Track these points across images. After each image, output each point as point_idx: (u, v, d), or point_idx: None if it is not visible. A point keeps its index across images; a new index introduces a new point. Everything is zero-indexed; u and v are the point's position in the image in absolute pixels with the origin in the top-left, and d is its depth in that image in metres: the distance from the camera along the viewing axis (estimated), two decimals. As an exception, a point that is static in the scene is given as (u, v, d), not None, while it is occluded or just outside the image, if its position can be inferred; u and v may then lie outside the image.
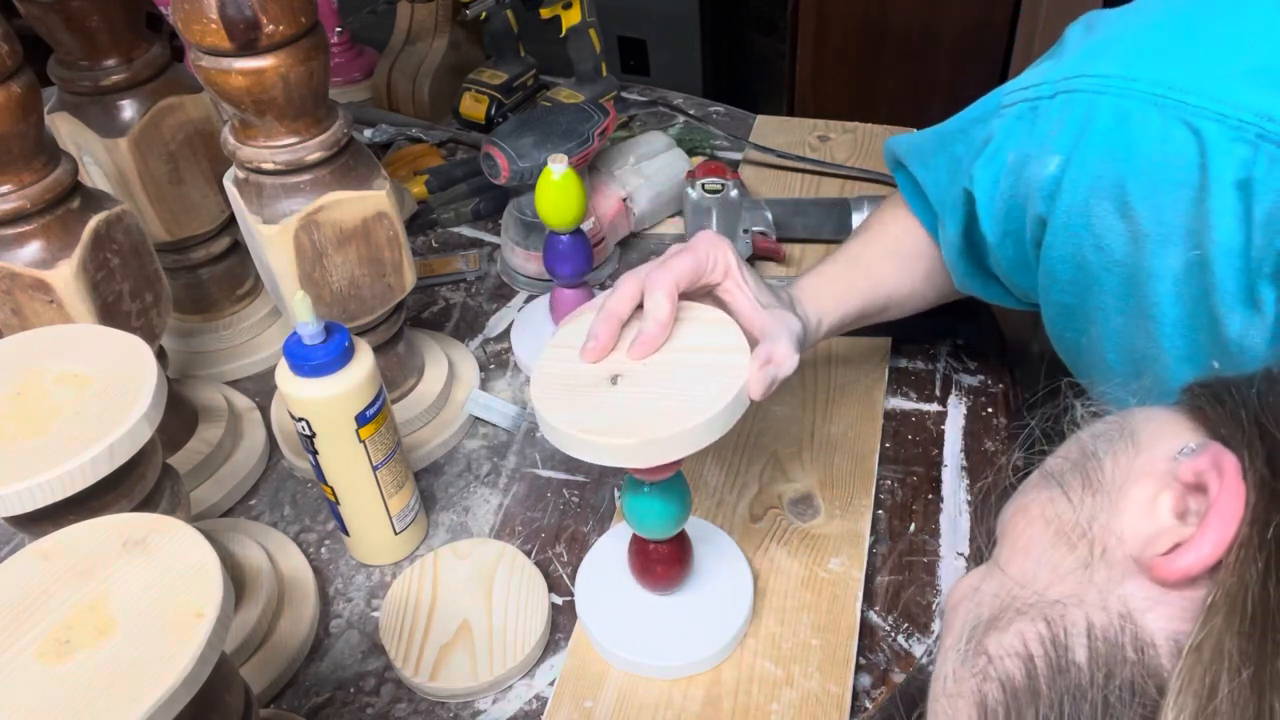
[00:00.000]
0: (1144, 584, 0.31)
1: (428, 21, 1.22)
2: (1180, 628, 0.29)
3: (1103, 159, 0.52)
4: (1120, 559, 0.32)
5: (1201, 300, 0.51)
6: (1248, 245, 0.48)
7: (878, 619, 0.67)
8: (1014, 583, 0.35)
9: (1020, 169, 0.57)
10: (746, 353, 0.54)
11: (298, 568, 0.71)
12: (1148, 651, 0.29)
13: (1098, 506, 0.34)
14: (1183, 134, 0.49)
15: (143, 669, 0.38)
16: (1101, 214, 0.53)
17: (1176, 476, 0.32)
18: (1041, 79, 0.56)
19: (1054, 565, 0.34)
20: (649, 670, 0.63)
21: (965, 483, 0.76)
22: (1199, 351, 0.53)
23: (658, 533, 0.61)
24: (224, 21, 0.59)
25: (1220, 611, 0.28)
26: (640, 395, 0.53)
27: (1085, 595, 0.32)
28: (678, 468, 0.58)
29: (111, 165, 0.78)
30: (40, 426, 0.50)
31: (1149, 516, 0.32)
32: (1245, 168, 0.47)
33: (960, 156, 0.63)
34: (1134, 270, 0.53)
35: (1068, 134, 0.54)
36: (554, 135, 0.90)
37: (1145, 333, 0.55)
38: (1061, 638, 0.31)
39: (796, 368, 0.56)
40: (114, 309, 0.67)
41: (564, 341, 0.56)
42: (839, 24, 1.91)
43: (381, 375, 0.65)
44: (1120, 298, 0.55)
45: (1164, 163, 0.50)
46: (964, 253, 0.67)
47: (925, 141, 0.69)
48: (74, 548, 0.42)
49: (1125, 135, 0.51)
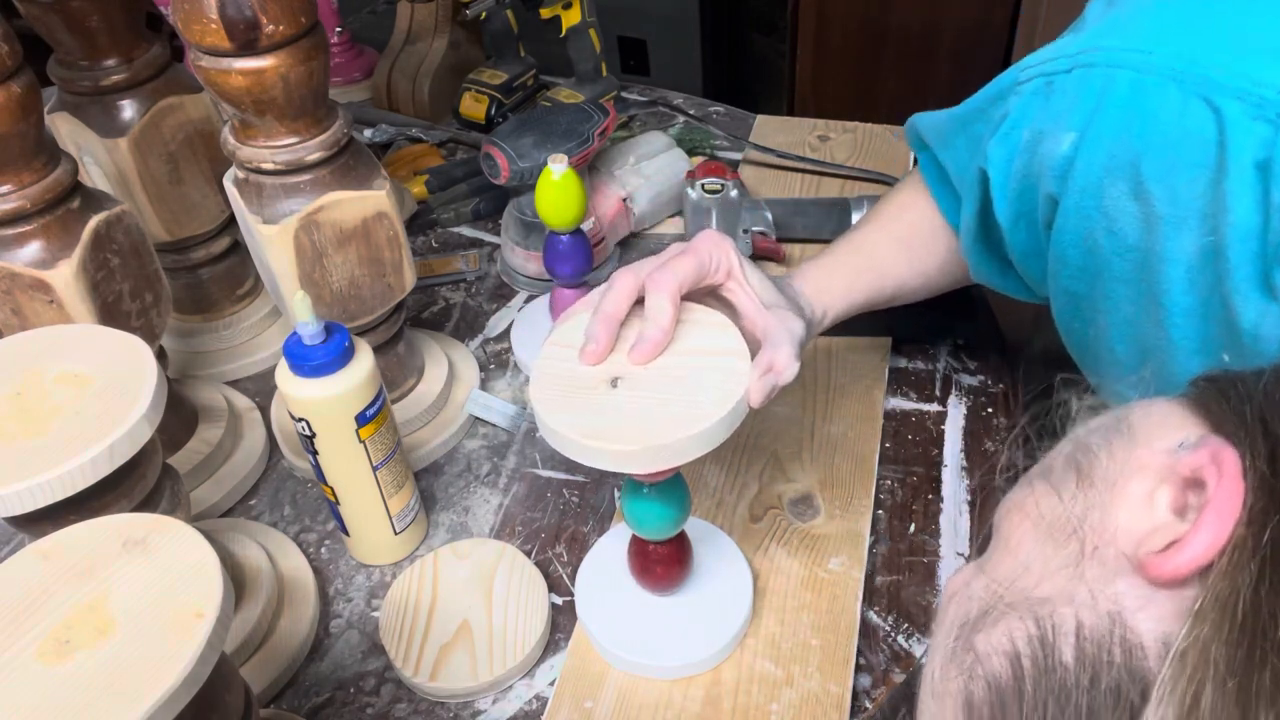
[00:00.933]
0: (1136, 583, 0.30)
1: (428, 21, 1.22)
2: (1172, 629, 0.28)
3: (1117, 135, 0.51)
4: (1113, 556, 0.31)
5: (1215, 288, 0.50)
6: (1265, 229, 0.46)
7: (878, 619, 0.67)
8: (1004, 580, 0.34)
9: (1034, 147, 0.55)
10: (747, 357, 0.54)
11: (298, 568, 0.71)
12: (1135, 654, 0.28)
13: (1090, 502, 0.33)
14: (1201, 111, 0.47)
15: (143, 669, 0.38)
16: (1115, 195, 0.52)
17: (1176, 470, 0.31)
18: (1058, 53, 0.55)
19: (1044, 562, 0.33)
20: (649, 670, 0.63)
21: (965, 483, 0.76)
22: (1210, 343, 0.51)
23: (657, 534, 0.61)
24: (224, 21, 0.59)
25: (1208, 617, 0.27)
26: (641, 399, 0.52)
27: (1075, 593, 0.31)
28: (677, 470, 0.58)
29: (111, 165, 0.78)
30: (40, 426, 0.50)
31: (1145, 512, 0.31)
32: (1266, 148, 0.45)
33: (979, 135, 0.61)
34: (1146, 255, 0.52)
35: (1083, 109, 0.52)
36: (554, 135, 0.90)
37: (1155, 321, 0.53)
38: (1049, 637, 0.31)
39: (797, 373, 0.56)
40: (114, 309, 0.67)
41: (562, 340, 0.56)
42: (839, 24, 1.91)
43: (381, 375, 0.65)
44: (1131, 285, 0.54)
45: (1181, 140, 0.48)
46: (980, 238, 0.65)
47: (946, 122, 0.68)
48: (74, 548, 0.42)
49: (1142, 110, 0.49)
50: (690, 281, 0.56)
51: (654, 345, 0.54)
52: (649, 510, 0.59)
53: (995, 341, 0.88)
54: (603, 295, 0.56)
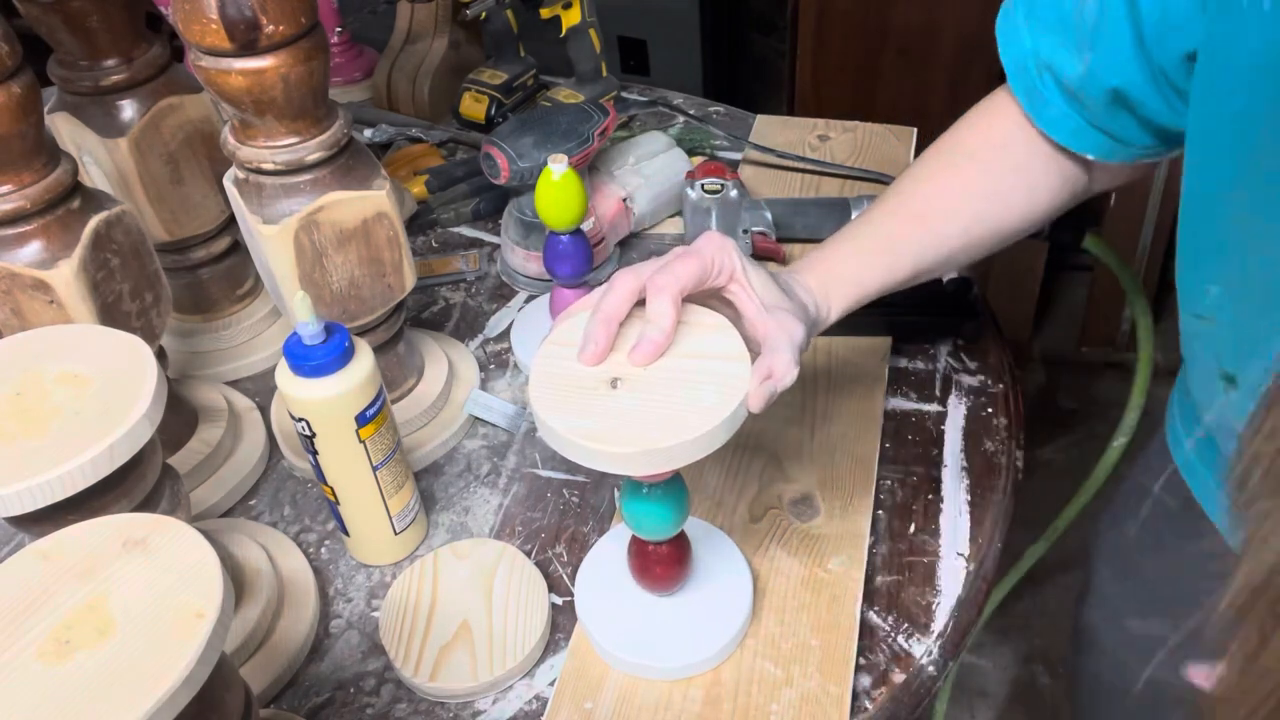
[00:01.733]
0: None
1: (428, 22, 1.22)
2: None
3: None
4: None
5: None
6: None
7: (877, 619, 0.67)
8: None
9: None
10: (747, 361, 0.54)
11: (298, 568, 0.71)
12: None
13: None
14: None
15: (143, 669, 0.38)
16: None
17: None
18: None
19: None
20: (649, 671, 0.63)
21: (965, 483, 0.76)
22: None
23: (657, 534, 0.61)
24: (224, 22, 0.59)
25: None
26: (640, 402, 0.52)
27: None
28: (675, 471, 0.58)
29: (111, 165, 0.78)
30: (40, 427, 0.50)
31: None
32: None
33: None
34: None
35: None
36: (554, 135, 0.90)
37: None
38: None
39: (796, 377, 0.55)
40: (114, 309, 0.67)
41: (561, 339, 0.56)
42: (839, 24, 1.91)
43: (381, 375, 0.65)
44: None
45: None
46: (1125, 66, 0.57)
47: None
48: (74, 548, 0.42)
49: None
50: (692, 284, 0.56)
51: (655, 347, 0.54)
52: (648, 511, 0.59)
53: (995, 341, 0.88)
54: (603, 296, 0.56)
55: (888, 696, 0.63)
